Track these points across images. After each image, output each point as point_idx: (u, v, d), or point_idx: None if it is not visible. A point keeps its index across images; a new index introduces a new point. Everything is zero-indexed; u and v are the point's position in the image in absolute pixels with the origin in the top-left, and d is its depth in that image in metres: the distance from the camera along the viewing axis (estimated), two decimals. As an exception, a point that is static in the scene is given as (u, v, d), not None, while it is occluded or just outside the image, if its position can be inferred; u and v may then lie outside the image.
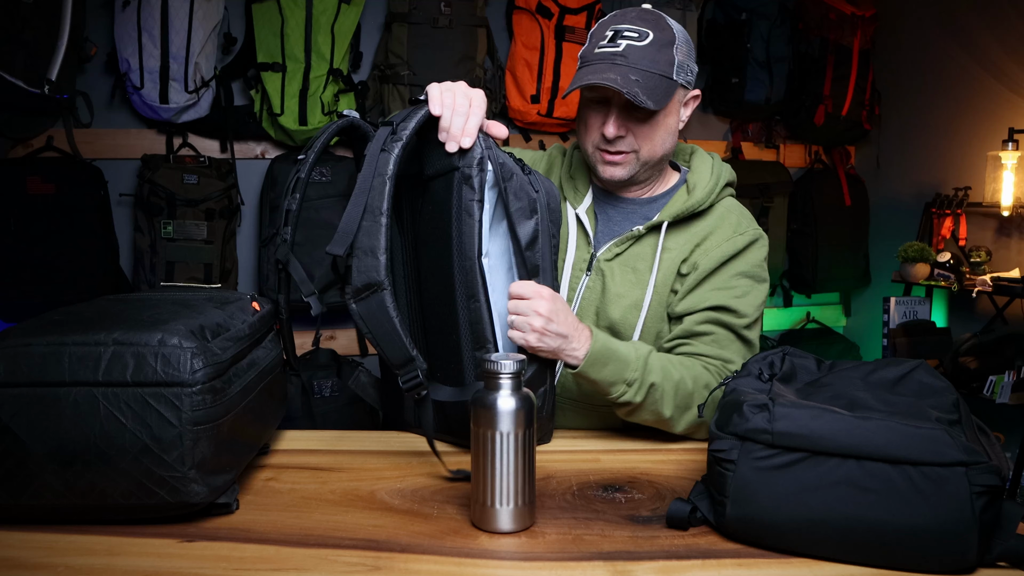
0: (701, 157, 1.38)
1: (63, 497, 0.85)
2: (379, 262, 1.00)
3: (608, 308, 1.29)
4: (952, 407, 0.88)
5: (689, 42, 1.27)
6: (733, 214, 1.33)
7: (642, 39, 1.21)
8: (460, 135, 1.09)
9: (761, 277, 1.30)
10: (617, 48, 1.21)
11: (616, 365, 1.14)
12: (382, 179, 1.01)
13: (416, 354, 1.03)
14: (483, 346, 1.09)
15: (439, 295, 1.13)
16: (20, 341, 0.85)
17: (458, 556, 0.84)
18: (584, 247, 1.34)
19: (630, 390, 1.15)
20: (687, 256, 1.29)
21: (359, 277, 1.01)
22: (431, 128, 1.10)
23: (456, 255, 1.08)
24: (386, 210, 1.01)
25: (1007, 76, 3.01)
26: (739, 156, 3.48)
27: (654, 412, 1.18)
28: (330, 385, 2.68)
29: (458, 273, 1.09)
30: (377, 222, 1.00)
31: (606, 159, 1.28)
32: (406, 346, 1.02)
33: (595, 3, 2.97)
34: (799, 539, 0.83)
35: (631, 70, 1.19)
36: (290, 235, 1.10)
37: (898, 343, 3.12)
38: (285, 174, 2.74)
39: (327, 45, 2.67)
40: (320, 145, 1.12)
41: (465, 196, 1.07)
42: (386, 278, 1.01)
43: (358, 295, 1.02)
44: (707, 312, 1.25)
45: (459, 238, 1.08)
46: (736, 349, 1.26)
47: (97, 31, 2.59)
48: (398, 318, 1.02)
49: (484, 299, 1.08)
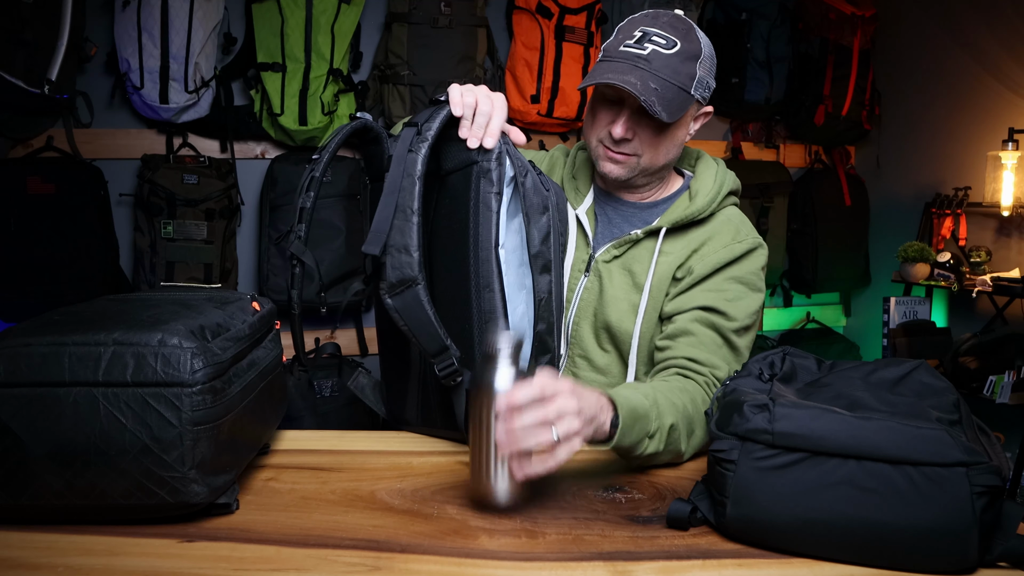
0: (706, 163, 1.37)
1: (63, 497, 0.85)
2: (413, 259, 1.05)
3: (605, 310, 1.29)
4: (952, 407, 0.88)
5: (713, 58, 1.26)
6: (733, 222, 1.31)
7: (669, 47, 1.20)
8: (483, 134, 1.11)
9: (756, 286, 1.27)
10: (643, 51, 1.19)
11: (641, 424, 1.03)
12: (411, 179, 1.06)
13: (450, 343, 1.07)
14: None
15: (452, 286, 1.15)
16: (20, 341, 0.85)
17: (458, 556, 0.84)
18: (583, 247, 1.34)
19: (652, 442, 1.05)
20: (683, 262, 1.28)
21: (393, 273, 1.05)
22: (450, 126, 1.13)
23: (472, 246, 1.11)
24: (417, 209, 1.05)
25: (1007, 76, 3.01)
26: (739, 156, 3.48)
27: (673, 453, 1.10)
28: (330, 385, 2.68)
29: (473, 264, 1.11)
30: (409, 221, 1.05)
31: (608, 155, 1.28)
32: (441, 336, 1.07)
33: (595, 3, 2.97)
34: (799, 539, 0.83)
35: (652, 77, 1.18)
36: (304, 232, 1.12)
37: (898, 343, 3.12)
38: (285, 174, 2.74)
39: (327, 45, 2.67)
40: (335, 145, 1.14)
41: (484, 189, 1.11)
42: (420, 273, 1.05)
43: (393, 290, 1.06)
44: (695, 311, 1.23)
45: (476, 229, 1.11)
46: (723, 355, 1.21)
47: (97, 31, 2.59)
48: (432, 310, 1.06)
49: (499, 288, 1.10)
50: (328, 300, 2.77)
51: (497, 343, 0.93)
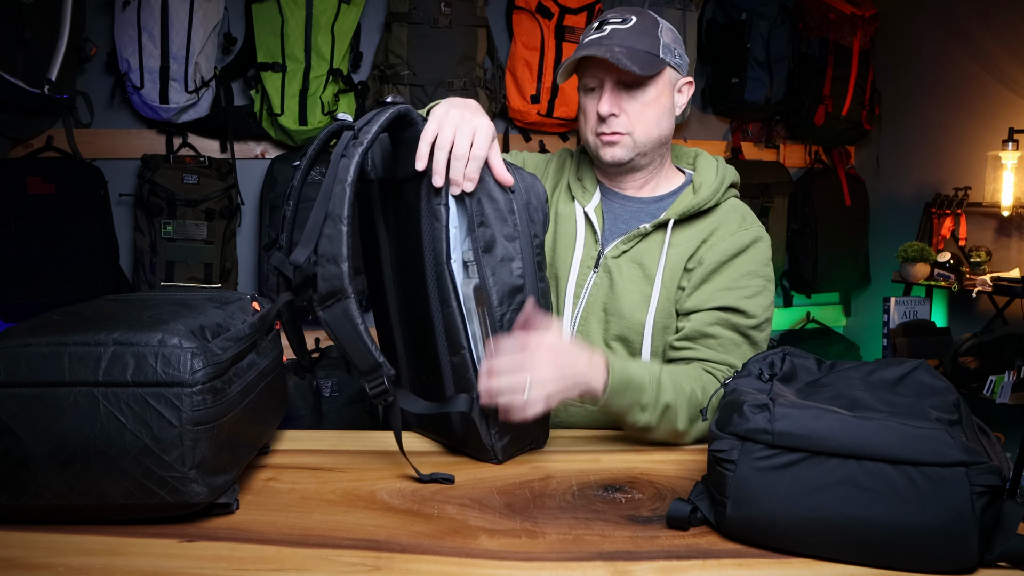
0: (706, 159, 1.41)
1: (63, 497, 0.85)
2: (342, 271, 0.98)
3: (617, 303, 1.30)
4: (952, 407, 0.88)
5: (675, 32, 1.33)
6: (738, 212, 1.34)
7: (625, 23, 1.27)
8: (461, 180, 1.03)
9: (769, 277, 1.31)
10: (603, 32, 1.27)
11: (633, 393, 1.11)
12: (342, 186, 0.98)
13: (383, 360, 1.01)
14: (458, 352, 1.06)
15: (417, 301, 1.11)
16: (20, 341, 0.85)
17: (458, 556, 0.84)
18: (592, 245, 1.35)
19: (644, 414, 1.13)
20: (693, 252, 1.30)
21: (324, 285, 0.99)
22: (403, 128, 1.08)
23: (427, 260, 1.07)
24: (346, 218, 0.98)
25: (1007, 76, 3.01)
26: (739, 156, 3.48)
27: (668, 431, 1.16)
28: (330, 385, 2.68)
29: (430, 278, 1.07)
30: (338, 230, 0.98)
31: (603, 140, 1.30)
32: (372, 353, 1.00)
33: (595, 3, 2.97)
34: (799, 539, 0.83)
35: (614, 46, 1.24)
36: (285, 241, 1.09)
37: (898, 343, 3.12)
38: (285, 174, 2.74)
39: (327, 45, 2.67)
40: (312, 152, 1.10)
41: (433, 200, 1.05)
42: (349, 286, 0.98)
43: (323, 303, 1.00)
44: (715, 312, 1.25)
45: (431, 243, 1.06)
46: (743, 353, 1.25)
47: (97, 31, 2.59)
48: (363, 325, 1.00)
49: (456, 304, 1.05)
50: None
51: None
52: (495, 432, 1.09)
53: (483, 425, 1.08)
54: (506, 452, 1.11)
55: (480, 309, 1.06)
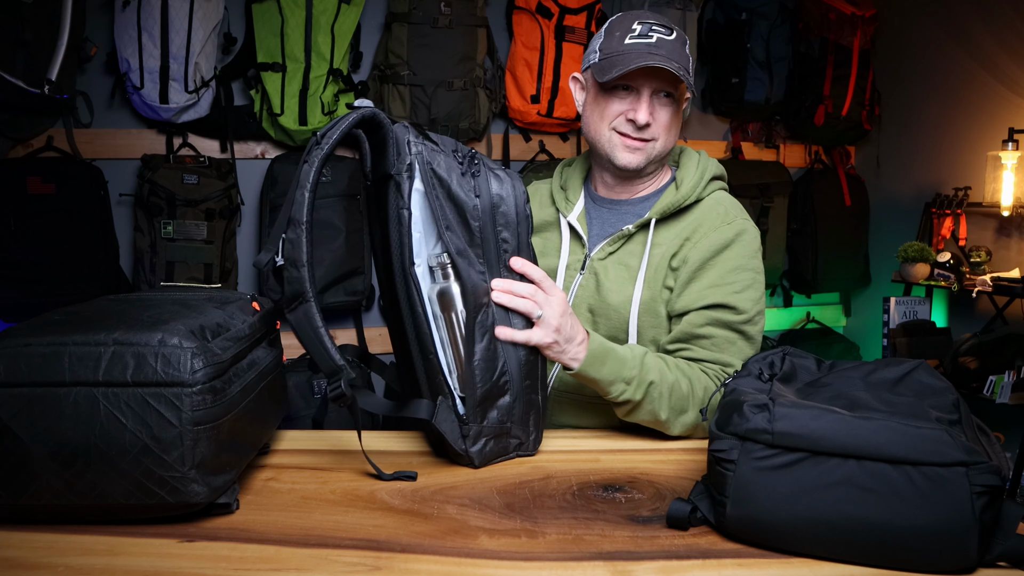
0: (688, 154, 1.41)
1: (63, 497, 0.85)
2: (302, 274, 1.00)
3: (602, 304, 1.30)
4: (952, 407, 0.88)
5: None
6: (722, 205, 1.33)
7: (669, 34, 1.28)
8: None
9: (758, 269, 1.30)
10: (650, 39, 1.26)
11: (614, 363, 1.15)
12: (302, 191, 1.00)
13: (343, 364, 1.03)
14: (427, 356, 1.08)
15: (394, 304, 1.13)
16: (20, 341, 0.85)
17: (458, 556, 0.84)
18: (578, 250, 1.36)
19: (629, 388, 1.16)
20: (677, 251, 1.30)
21: (288, 288, 1.02)
22: (374, 131, 1.09)
23: (395, 263, 1.08)
24: (305, 223, 1.00)
25: (1007, 76, 3.01)
26: (739, 156, 3.48)
27: (651, 412, 1.18)
28: (330, 385, 2.67)
29: (399, 282, 1.09)
30: (298, 234, 1.00)
31: (627, 144, 1.30)
32: (333, 356, 1.02)
33: (595, 3, 2.97)
34: (799, 539, 0.83)
35: (672, 60, 1.25)
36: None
37: (898, 343, 3.12)
38: (285, 174, 2.74)
39: (327, 45, 2.67)
40: (334, 141, 1.08)
41: (396, 204, 1.07)
42: (309, 289, 1.01)
43: (289, 305, 1.03)
44: (705, 312, 1.25)
45: (398, 248, 1.08)
46: (737, 350, 1.26)
47: (97, 31, 2.59)
48: (323, 328, 1.02)
49: (421, 308, 1.07)
50: (327, 300, 2.77)
51: None
52: (468, 437, 1.09)
53: (452, 430, 1.08)
54: (481, 457, 1.10)
55: (446, 315, 1.08)
